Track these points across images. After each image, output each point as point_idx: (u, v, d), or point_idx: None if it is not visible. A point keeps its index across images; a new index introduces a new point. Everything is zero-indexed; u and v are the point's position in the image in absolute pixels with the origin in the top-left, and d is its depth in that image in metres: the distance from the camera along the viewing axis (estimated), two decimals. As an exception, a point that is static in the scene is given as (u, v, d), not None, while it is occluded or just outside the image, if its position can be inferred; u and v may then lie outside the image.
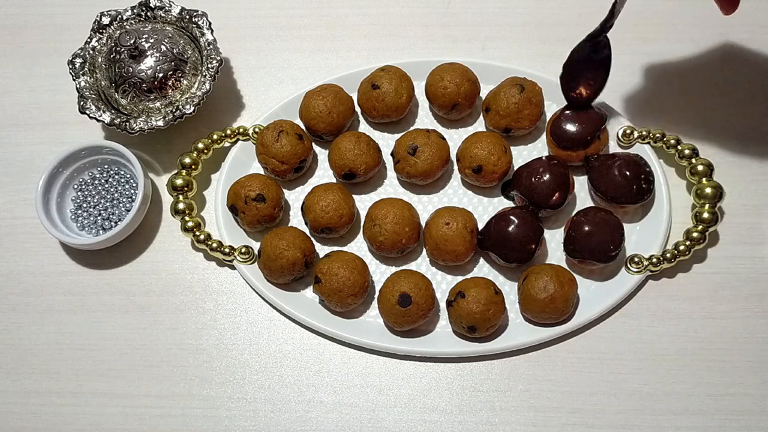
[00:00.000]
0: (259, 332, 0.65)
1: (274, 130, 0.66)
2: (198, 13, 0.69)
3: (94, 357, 0.65)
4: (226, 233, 0.67)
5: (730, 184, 0.66)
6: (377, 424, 0.62)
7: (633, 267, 0.62)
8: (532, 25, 0.75)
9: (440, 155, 0.65)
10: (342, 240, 0.68)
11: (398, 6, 0.77)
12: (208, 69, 0.67)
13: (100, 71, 0.69)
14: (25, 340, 0.66)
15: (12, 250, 0.70)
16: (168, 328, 0.66)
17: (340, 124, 0.68)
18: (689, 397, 0.61)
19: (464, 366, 0.63)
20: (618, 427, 0.60)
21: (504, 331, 0.63)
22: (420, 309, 0.60)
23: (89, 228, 0.68)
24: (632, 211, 0.66)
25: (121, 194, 0.69)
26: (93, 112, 0.67)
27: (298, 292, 0.66)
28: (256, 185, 0.64)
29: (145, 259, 0.69)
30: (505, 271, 0.65)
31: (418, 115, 0.72)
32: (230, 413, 0.63)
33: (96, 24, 0.70)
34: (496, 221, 0.63)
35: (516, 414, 0.61)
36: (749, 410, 0.60)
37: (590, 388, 0.61)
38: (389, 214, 0.63)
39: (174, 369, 0.64)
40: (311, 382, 0.63)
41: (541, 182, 0.63)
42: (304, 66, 0.75)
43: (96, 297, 0.67)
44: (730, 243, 0.65)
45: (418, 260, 0.66)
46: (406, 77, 0.68)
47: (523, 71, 0.69)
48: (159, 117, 0.66)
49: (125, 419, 0.63)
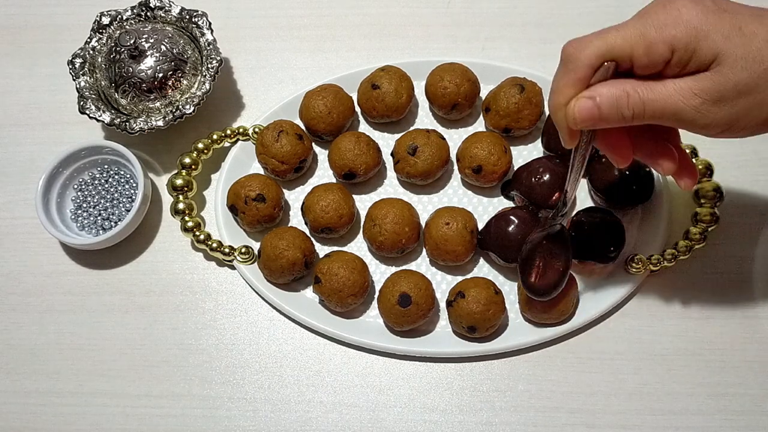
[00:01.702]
0: (259, 332, 0.65)
1: (274, 130, 0.66)
2: (198, 13, 0.69)
3: (94, 357, 0.65)
4: (226, 233, 0.67)
5: (730, 184, 0.66)
6: (377, 424, 0.62)
7: (633, 267, 0.62)
8: (532, 25, 0.75)
9: (440, 155, 0.65)
10: (342, 240, 0.68)
11: (398, 6, 0.77)
12: (208, 69, 0.67)
13: (100, 71, 0.69)
14: (25, 340, 0.66)
15: (12, 250, 0.70)
16: (168, 328, 0.66)
17: (340, 124, 0.68)
18: (689, 397, 0.61)
19: (464, 366, 0.63)
20: (618, 427, 0.60)
21: (504, 331, 0.63)
22: (420, 309, 0.60)
23: (89, 228, 0.68)
24: (632, 211, 0.66)
25: (121, 194, 0.69)
26: (93, 112, 0.67)
27: (298, 292, 0.66)
28: (256, 185, 0.64)
29: (145, 259, 0.69)
30: (505, 271, 0.65)
31: (418, 115, 0.72)
32: (230, 413, 0.63)
33: (96, 24, 0.70)
34: (496, 221, 0.63)
35: (516, 414, 0.61)
36: (749, 410, 0.60)
37: (590, 388, 0.61)
38: (389, 214, 0.63)
39: (174, 369, 0.64)
40: (311, 382, 0.63)
41: (541, 182, 0.63)
42: (304, 66, 0.75)
43: (96, 297, 0.67)
44: (730, 243, 0.65)
45: (418, 260, 0.66)
46: (406, 77, 0.68)
47: (523, 71, 0.69)
48: (159, 117, 0.66)
49: (125, 419, 0.63)
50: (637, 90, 0.43)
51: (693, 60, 0.42)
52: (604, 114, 0.44)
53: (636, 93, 0.43)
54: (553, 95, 0.46)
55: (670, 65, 0.42)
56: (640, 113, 0.43)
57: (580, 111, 0.44)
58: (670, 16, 0.42)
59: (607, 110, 0.43)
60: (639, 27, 0.42)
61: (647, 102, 0.43)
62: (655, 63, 0.42)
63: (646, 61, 0.42)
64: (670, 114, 0.43)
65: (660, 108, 0.43)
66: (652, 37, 0.42)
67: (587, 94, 0.44)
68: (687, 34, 0.41)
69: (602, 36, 0.43)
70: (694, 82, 0.42)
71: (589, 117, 0.44)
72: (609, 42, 0.43)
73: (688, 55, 0.42)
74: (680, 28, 0.41)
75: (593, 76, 0.44)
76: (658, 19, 0.42)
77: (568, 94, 0.44)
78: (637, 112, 0.43)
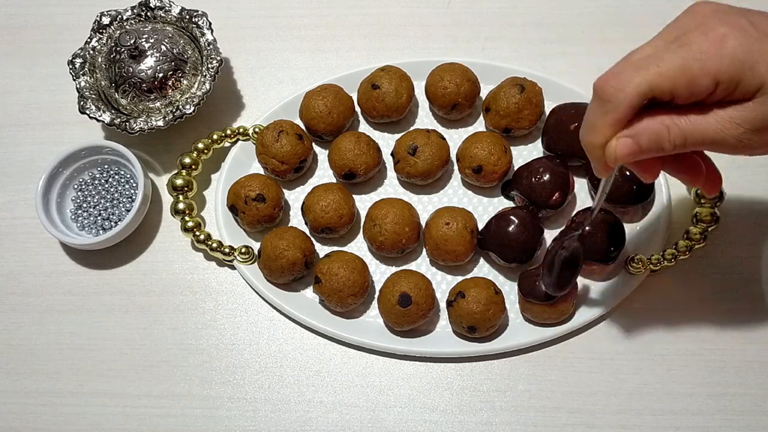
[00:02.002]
0: (259, 332, 0.65)
1: (274, 130, 0.66)
2: (198, 13, 0.69)
3: (94, 357, 0.65)
4: (226, 233, 0.67)
5: (730, 184, 0.66)
6: (377, 424, 0.62)
7: (633, 267, 0.62)
8: (532, 25, 0.75)
9: (440, 155, 0.65)
10: (342, 240, 0.68)
11: (398, 6, 0.77)
12: (208, 69, 0.67)
13: (100, 71, 0.69)
14: (25, 340, 0.66)
15: (12, 250, 0.70)
16: (168, 328, 0.66)
17: (340, 124, 0.68)
18: (689, 397, 0.61)
19: (464, 366, 0.63)
20: (618, 427, 0.60)
21: (504, 331, 0.63)
22: (420, 309, 0.60)
23: (89, 228, 0.68)
24: (632, 211, 0.66)
25: (121, 194, 0.69)
26: (93, 112, 0.67)
27: (298, 292, 0.66)
28: (256, 185, 0.64)
29: (145, 259, 0.69)
30: (505, 271, 0.65)
31: (418, 115, 0.72)
32: (230, 413, 0.63)
33: (96, 24, 0.70)
34: (496, 221, 0.63)
35: (516, 414, 0.61)
36: (749, 410, 0.60)
37: (590, 388, 0.61)
38: (389, 214, 0.63)
39: (174, 369, 0.64)
40: (311, 382, 0.63)
41: (541, 182, 0.63)
42: (304, 66, 0.75)
43: (96, 297, 0.67)
44: (730, 243, 0.65)
45: (418, 260, 0.66)
46: (406, 77, 0.68)
47: (523, 71, 0.69)
48: (159, 117, 0.66)
49: (125, 419, 0.63)
50: (677, 123, 0.42)
51: (737, 91, 0.40)
52: (644, 150, 0.42)
53: (676, 126, 0.42)
54: (589, 134, 0.44)
55: (714, 95, 0.41)
56: (681, 145, 0.42)
57: (621, 150, 0.43)
58: (712, 47, 0.40)
59: (647, 146, 0.42)
60: (679, 60, 0.40)
61: (688, 135, 0.42)
62: (697, 95, 0.41)
63: (688, 95, 0.41)
64: (710, 142, 0.42)
65: (700, 139, 0.42)
66: (695, 72, 0.40)
67: (627, 134, 0.42)
68: (732, 67, 0.39)
69: (641, 72, 0.41)
70: (736, 112, 0.41)
71: (629, 154, 0.43)
72: (649, 80, 0.41)
73: (733, 87, 0.40)
74: (725, 61, 0.39)
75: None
76: (700, 50, 0.40)
77: (608, 135, 0.43)
78: (678, 144, 0.42)
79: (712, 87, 0.40)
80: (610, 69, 0.43)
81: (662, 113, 0.42)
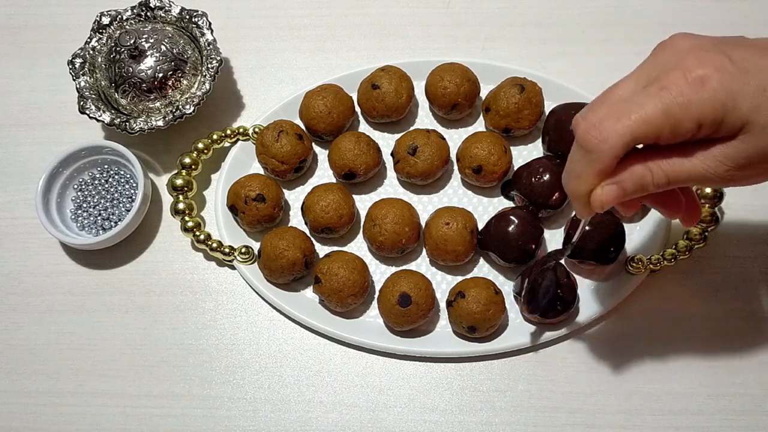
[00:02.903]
0: (259, 332, 0.65)
1: (274, 130, 0.66)
2: (198, 13, 0.69)
3: (94, 357, 0.65)
4: (226, 233, 0.67)
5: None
6: (377, 424, 0.62)
7: (633, 267, 0.62)
8: (532, 25, 0.75)
9: (440, 155, 0.65)
10: (342, 240, 0.68)
11: (398, 6, 0.77)
12: (208, 69, 0.67)
13: (100, 71, 0.69)
14: (25, 340, 0.66)
15: (12, 250, 0.70)
16: (168, 328, 0.66)
17: (340, 124, 0.68)
18: (689, 397, 0.61)
19: (464, 366, 0.63)
20: (618, 427, 0.60)
21: (504, 331, 0.63)
22: (420, 309, 0.60)
23: (89, 228, 0.68)
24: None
25: (121, 194, 0.69)
26: (93, 112, 0.67)
27: (298, 292, 0.66)
28: (256, 185, 0.64)
29: (145, 259, 0.69)
30: (505, 271, 0.65)
31: (418, 115, 0.72)
32: (230, 413, 0.63)
33: (96, 24, 0.70)
34: (496, 221, 0.63)
35: (516, 414, 0.61)
36: (749, 410, 0.60)
37: (590, 388, 0.61)
38: (389, 214, 0.63)
39: (174, 369, 0.64)
40: (311, 382, 0.63)
41: (541, 182, 0.63)
42: (304, 66, 0.75)
43: (96, 297, 0.67)
44: (730, 243, 0.65)
45: (418, 260, 0.66)
46: (406, 77, 0.68)
47: (523, 71, 0.69)
48: (159, 117, 0.66)
49: (125, 419, 0.63)
50: (660, 166, 0.42)
51: (721, 130, 0.40)
52: (629, 193, 0.43)
53: (660, 169, 0.42)
54: (574, 182, 0.44)
55: (697, 135, 0.41)
56: (665, 185, 0.42)
57: (607, 197, 0.43)
58: (692, 90, 0.39)
59: (632, 189, 0.43)
60: (661, 105, 0.40)
61: (671, 175, 0.42)
62: (681, 138, 0.41)
63: (672, 138, 0.41)
64: (694, 180, 0.42)
65: (685, 177, 0.42)
66: (678, 117, 0.40)
67: (612, 181, 0.43)
68: (714, 110, 0.39)
69: (622, 120, 0.40)
70: (719, 150, 0.41)
71: (615, 199, 0.43)
72: (633, 129, 0.40)
73: (716, 127, 0.40)
74: (706, 105, 0.39)
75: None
76: (680, 93, 0.39)
77: (593, 183, 0.43)
78: (662, 184, 0.42)
79: (695, 130, 0.40)
80: (590, 111, 0.42)
81: (645, 155, 0.42)
